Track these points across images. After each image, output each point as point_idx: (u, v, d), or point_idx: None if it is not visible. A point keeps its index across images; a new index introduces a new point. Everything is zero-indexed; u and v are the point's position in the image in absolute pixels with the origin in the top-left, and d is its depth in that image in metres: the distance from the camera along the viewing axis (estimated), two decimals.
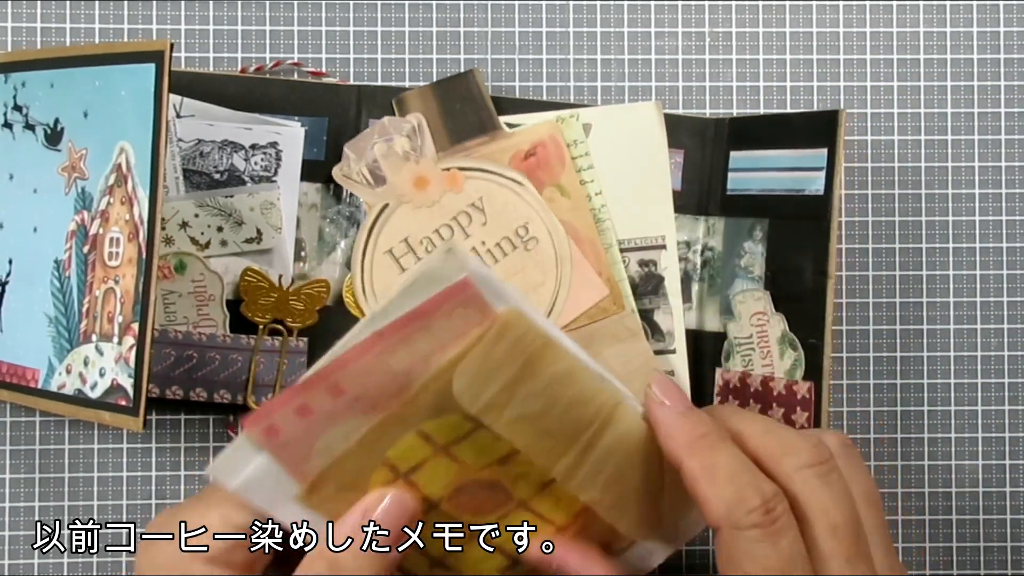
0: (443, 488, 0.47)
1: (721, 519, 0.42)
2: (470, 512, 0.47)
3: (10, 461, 0.64)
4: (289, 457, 0.45)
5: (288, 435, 0.44)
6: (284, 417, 0.44)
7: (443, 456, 0.46)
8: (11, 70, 0.60)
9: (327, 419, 0.44)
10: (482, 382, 0.44)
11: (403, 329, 0.44)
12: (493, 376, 0.44)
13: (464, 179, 0.62)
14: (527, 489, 0.48)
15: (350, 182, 0.61)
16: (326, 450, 0.45)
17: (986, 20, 0.67)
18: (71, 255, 0.57)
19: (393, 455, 0.45)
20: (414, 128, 0.61)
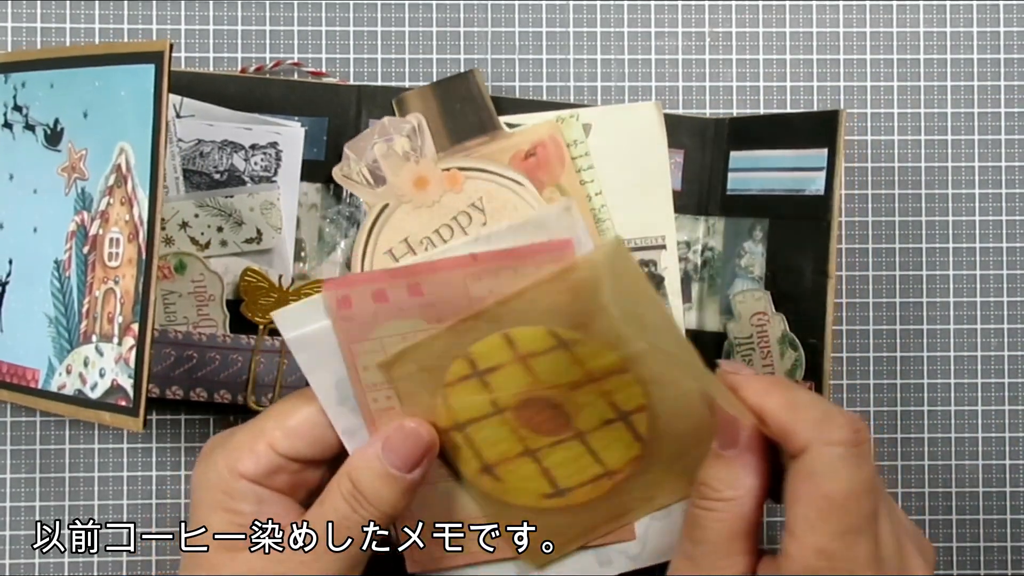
0: (512, 396, 0.48)
1: (811, 436, 0.43)
2: (530, 428, 0.49)
3: (11, 461, 0.64)
4: (348, 332, 0.47)
5: (357, 311, 0.47)
6: (360, 294, 0.47)
7: (520, 364, 0.48)
8: (11, 70, 0.60)
9: (396, 312, 0.47)
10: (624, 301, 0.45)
11: (496, 260, 0.46)
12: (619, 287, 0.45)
13: (464, 179, 0.62)
14: (589, 422, 0.48)
15: (350, 182, 0.61)
16: (380, 340, 0.47)
17: (986, 20, 0.67)
18: (71, 255, 0.57)
19: (475, 351, 0.48)
20: (414, 128, 0.61)
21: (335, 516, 0.48)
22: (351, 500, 0.48)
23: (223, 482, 0.49)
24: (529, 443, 0.50)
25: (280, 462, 0.49)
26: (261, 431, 0.49)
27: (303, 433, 0.49)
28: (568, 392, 0.48)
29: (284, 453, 0.49)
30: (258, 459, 0.49)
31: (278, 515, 0.49)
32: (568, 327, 0.47)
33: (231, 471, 0.49)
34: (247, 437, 0.49)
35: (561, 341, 0.47)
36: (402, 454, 0.48)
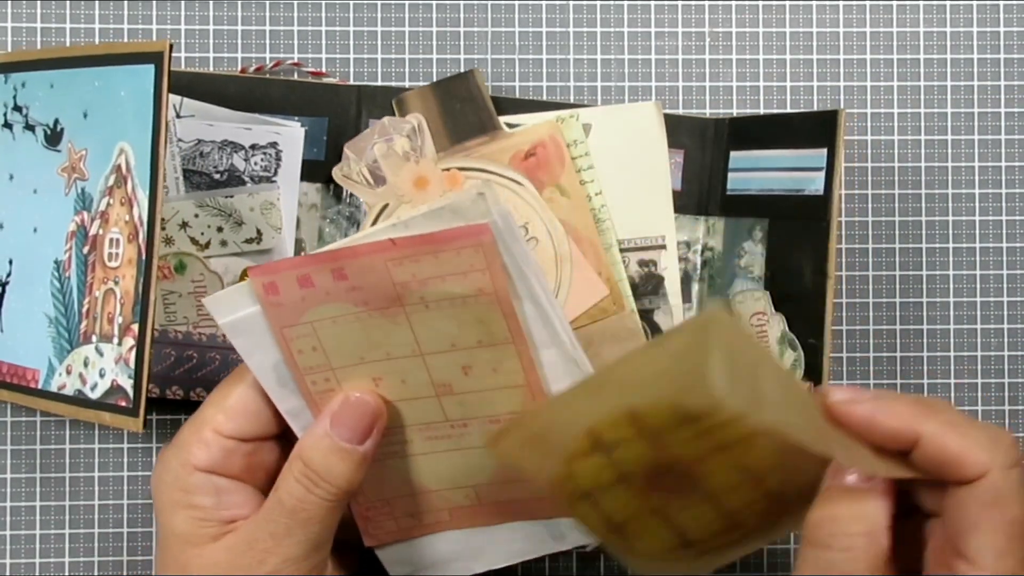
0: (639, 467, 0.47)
1: (988, 461, 0.41)
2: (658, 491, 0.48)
3: (11, 461, 0.64)
4: (278, 317, 0.48)
5: (285, 297, 0.47)
6: (286, 280, 0.47)
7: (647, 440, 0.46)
8: (11, 70, 0.60)
9: (323, 296, 0.48)
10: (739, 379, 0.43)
11: (415, 246, 0.47)
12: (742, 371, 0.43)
13: (464, 179, 0.62)
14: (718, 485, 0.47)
15: (350, 182, 0.61)
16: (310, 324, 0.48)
17: (986, 20, 0.66)
18: (71, 256, 0.57)
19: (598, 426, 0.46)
20: (414, 128, 0.61)
21: (291, 500, 0.48)
22: (304, 480, 0.48)
23: (178, 480, 0.49)
24: (656, 503, 0.49)
25: (229, 445, 0.49)
26: (203, 420, 0.49)
27: (243, 410, 0.49)
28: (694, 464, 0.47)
29: (231, 435, 0.49)
30: (208, 447, 0.49)
31: (238, 503, 0.49)
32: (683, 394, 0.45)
33: (183, 466, 0.49)
34: (192, 429, 0.50)
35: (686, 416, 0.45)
36: (351, 426, 0.48)
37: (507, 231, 0.47)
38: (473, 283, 0.48)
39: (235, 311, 0.48)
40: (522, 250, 0.47)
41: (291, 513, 0.48)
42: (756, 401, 0.43)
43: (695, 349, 0.42)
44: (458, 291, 0.48)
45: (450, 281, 0.48)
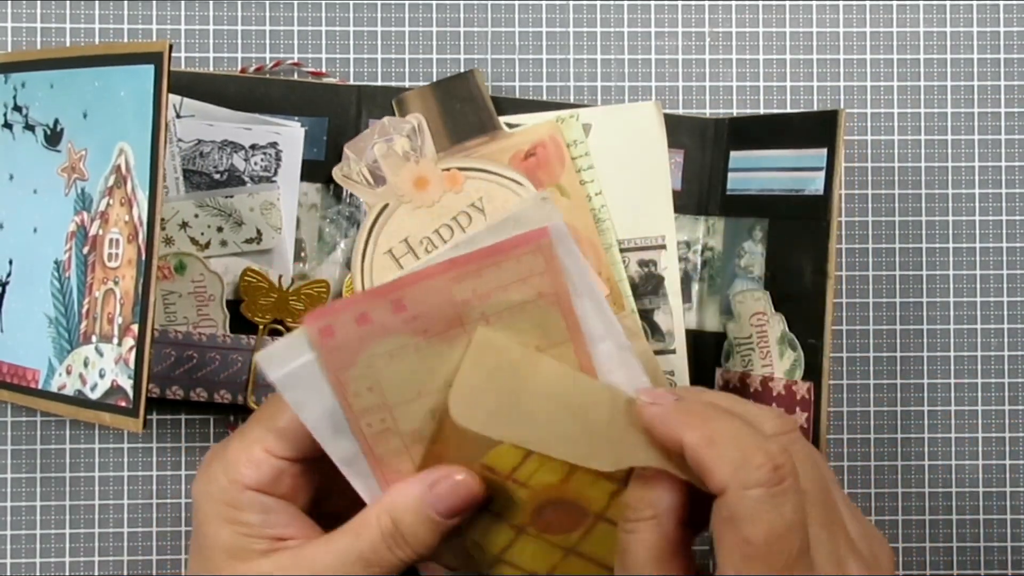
0: (523, 514, 0.49)
1: (728, 479, 0.42)
2: (555, 532, 0.49)
3: (11, 461, 0.64)
4: (334, 362, 0.47)
5: (341, 339, 0.46)
6: (343, 321, 0.46)
7: (511, 483, 0.48)
8: (11, 70, 0.60)
9: (381, 332, 0.47)
10: (476, 402, 0.46)
11: (476, 262, 0.47)
12: (484, 394, 0.46)
13: (464, 179, 0.62)
14: (599, 501, 0.48)
15: (350, 182, 0.61)
16: (367, 363, 0.47)
17: (986, 20, 0.66)
18: (71, 256, 0.57)
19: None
20: (414, 128, 0.61)
21: (370, 552, 0.48)
22: (389, 539, 0.47)
23: (225, 494, 0.49)
24: (564, 543, 0.49)
25: (281, 466, 0.49)
26: (254, 439, 0.49)
27: (295, 432, 0.49)
28: (565, 485, 0.48)
29: (283, 456, 0.49)
30: (259, 467, 0.49)
31: (283, 523, 0.49)
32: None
33: (233, 483, 0.49)
34: (242, 446, 0.49)
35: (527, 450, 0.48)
36: (450, 503, 0.48)
37: (562, 230, 0.47)
38: (533, 287, 0.48)
39: (288, 363, 0.47)
40: (574, 247, 0.48)
41: (366, 564, 0.47)
42: (502, 419, 0.46)
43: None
44: (518, 298, 0.48)
45: (511, 290, 0.48)
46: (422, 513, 0.47)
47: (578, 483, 0.48)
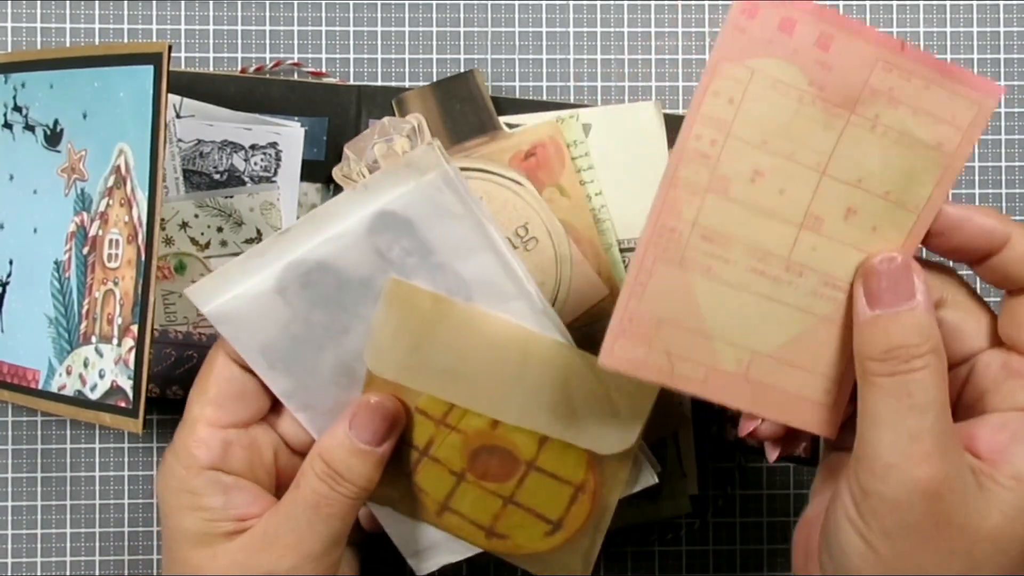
0: (460, 459, 0.50)
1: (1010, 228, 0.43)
2: (490, 479, 0.50)
3: (12, 460, 0.64)
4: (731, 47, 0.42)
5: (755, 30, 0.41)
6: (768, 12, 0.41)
7: (444, 428, 0.49)
8: (11, 70, 0.60)
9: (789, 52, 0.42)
10: (388, 351, 0.48)
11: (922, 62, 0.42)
12: (396, 342, 0.48)
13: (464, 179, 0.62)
14: (529, 449, 0.49)
15: (350, 182, 0.61)
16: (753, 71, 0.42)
17: (986, 20, 0.66)
18: (71, 256, 0.57)
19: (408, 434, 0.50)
20: (414, 128, 0.61)
21: (314, 496, 0.49)
22: (327, 479, 0.49)
23: (184, 483, 0.49)
24: (501, 491, 0.50)
25: (227, 436, 0.50)
26: (194, 418, 0.50)
27: (227, 395, 0.50)
28: (494, 431, 0.49)
29: (226, 424, 0.50)
30: (207, 444, 0.49)
31: (246, 502, 0.50)
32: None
33: (188, 468, 0.49)
34: (186, 430, 0.50)
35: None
36: (370, 429, 0.49)
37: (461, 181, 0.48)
38: (939, 135, 0.43)
39: (217, 296, 0.48)
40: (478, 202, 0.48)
41: (314, 509, 0.49)
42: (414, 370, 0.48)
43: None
44: (919, 134, 0.43)
45: (920, 118, 0.43)
46: (349, 446, 0.49)
47: (505, 428, 0.49)
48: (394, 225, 0.48)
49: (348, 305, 0.49)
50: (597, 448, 0.50)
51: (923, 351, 0.41)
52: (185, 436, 0.50)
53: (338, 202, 0.47)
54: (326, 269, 0.48)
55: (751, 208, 0.42)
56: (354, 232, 0.48)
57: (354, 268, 0.48)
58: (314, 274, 0.48)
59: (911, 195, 0.43)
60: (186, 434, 0.50)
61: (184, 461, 0.49)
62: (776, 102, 0.42)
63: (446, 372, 0.49)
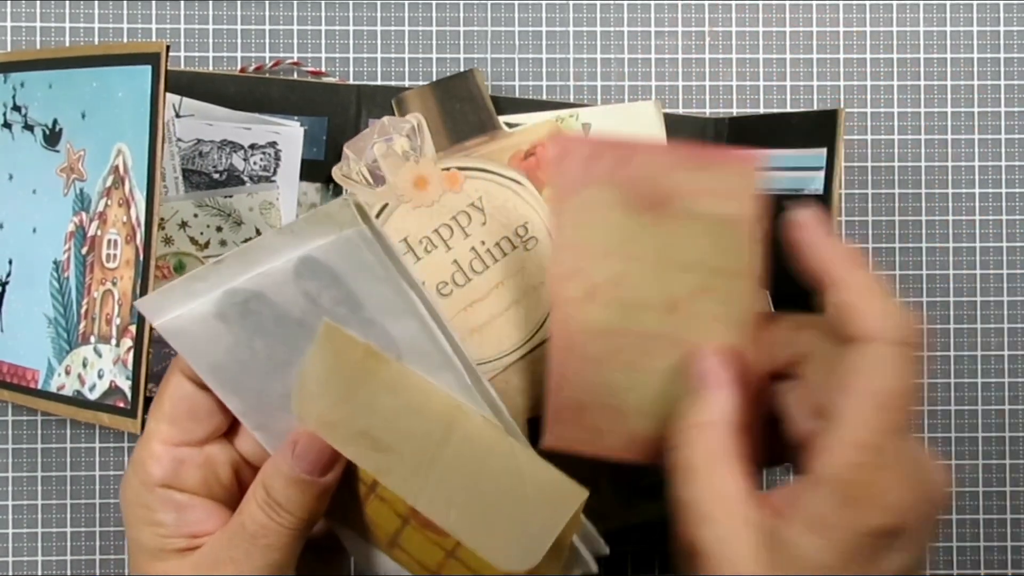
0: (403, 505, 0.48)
1: (879, 329, 0.42)
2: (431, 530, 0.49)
3: (12, 460, 0.64)
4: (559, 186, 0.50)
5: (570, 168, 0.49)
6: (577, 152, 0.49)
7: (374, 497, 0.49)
8: (10, 70, 0.60)
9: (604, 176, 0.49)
10: (313, 398, 0.47)
11: (694, 159, 0.48)
12: (323, 390, 0.47)
13: (464, 179, 0.62)
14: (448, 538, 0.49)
15: (349, 182, 0.61)
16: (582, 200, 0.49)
17: (986, 20, 0.66)
18: (70, 256, 0.57)
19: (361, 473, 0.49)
20: (414, 128, 0.61)
21: (253, 525, 0.47)
22: (266, 508, 0.47)
23: (139, 497, 0.49)
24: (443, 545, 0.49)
25: (179, 453, 0.49)
26: (149, 434, 0.49)
27: (180, 413, 0.49)
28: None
29: (178, 442, 0.49)
30: (160, 461, 0.48)
31: (199, 519, 0.49)
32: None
33: (143, 484, 0.48)
34: (142, 444, 0.49)
35: None
36: (311, 459, 0.47)
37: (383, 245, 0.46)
38: (731, 207, 0.48)
39: (170, 311, 0.47)
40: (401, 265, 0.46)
41: (252, 538, 0.47)
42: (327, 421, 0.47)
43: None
44: (717, 211, 0.48)
45: (713, 198, 0.48)
46: (289, 475, 0.47)
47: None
48: (319, 273, 0.46)
49: (287, 340, 0.47)
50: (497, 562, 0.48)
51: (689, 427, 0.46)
52: (141, 450, 0.49)
53: (266, 239, 0.46)
54: (262, 300, 0.46)
55: (623, 305, 0.50)
56: (282, 272, 0.46)
57: (288, 307, 0.47)
58: (252, 303, 0.47)
59: (735, 261, 0.49)
60: (141, 448, 0.49)
61: (140, 475, 0.49)
62: (607, 219, 0.49)
63: (365, 436, 0.47)
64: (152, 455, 0.48)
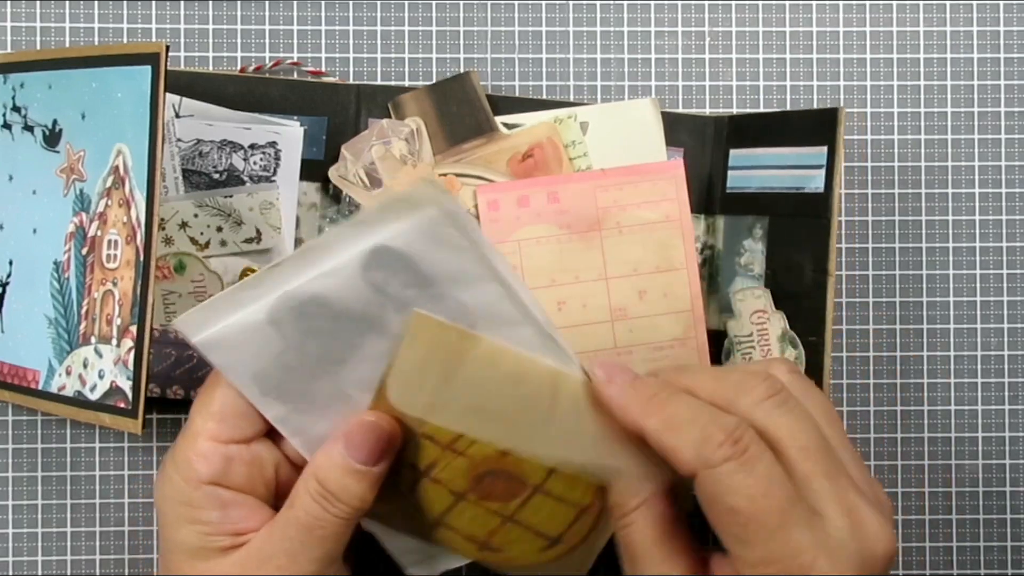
0: (463, 481, 0.49)
1: (693, 462, 0.43)
2: (492, 500, 0.50)
3: (12, 460, 0.64)
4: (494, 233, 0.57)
5: (502, 214, 0.56)
6: (507, 199, 0.57)
7: (450, 452, 0.49)
8: (10, 71, 0.60)
9: (534, 217, 0.58)
10: (415, 386, 0.47)
11: (619, 176, 0.59)
12: (423, 378, 0.47)
13: (461, 185, 0.62)
14: (537, 474, 0.49)
15: (346, 183, 0.61)
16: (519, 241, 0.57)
17: (986, 20, 0.66)
18: (70, 257, 0.57)
19: (410, 456, 0.49)
20: (412, 132, 0.61)
21: (308, 517, 0.48)
22: (320, 500, 0.48)
23: (182, 495, 0.49)
24: (502, 511, 0.50)
25: (228, 451, 0.49)
26: (196, 431, 0.49)
27: (232, 412, 0.49)
28: (503, 458, 0.49)
29: (227, 439, 0.49)
30: (207, 459, 0.48)
31: (243, 517, 0.49)
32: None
33: (187, 481, 0.48)
34: (188, 442, 0.49)
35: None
36: (365, 449, 0.48)
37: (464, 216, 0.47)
38: (662, 211, 0.59)
39: (209, 326, 0.47)
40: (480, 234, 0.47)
41: (307, 530, 0.48)
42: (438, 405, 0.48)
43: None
44: (650, 217, 0.59)
45: (644, 208, 0.59)
46: (344, 465, 0.48)
47: (517, 456, 0.49)
48: (390, 261, 0.47)
49: (344, 336, 0.48)
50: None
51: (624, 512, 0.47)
52: (186, 448, 0.49)
53: (330, 236, 0.46)
54: (321, 303, 0.47)
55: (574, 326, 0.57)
56: (348, 267, 0.47)
57: (350, 302, 0.47)
58: (308, 307, 0.47)
59: (673, 258, 0.60)
60: (187, 446, 0.49)
61: (184, 473, 0.49)
62: (546, 251, 0.59)
63: (476, 411, 0.48)
64: (199, 453, 0.48)
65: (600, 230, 0.58)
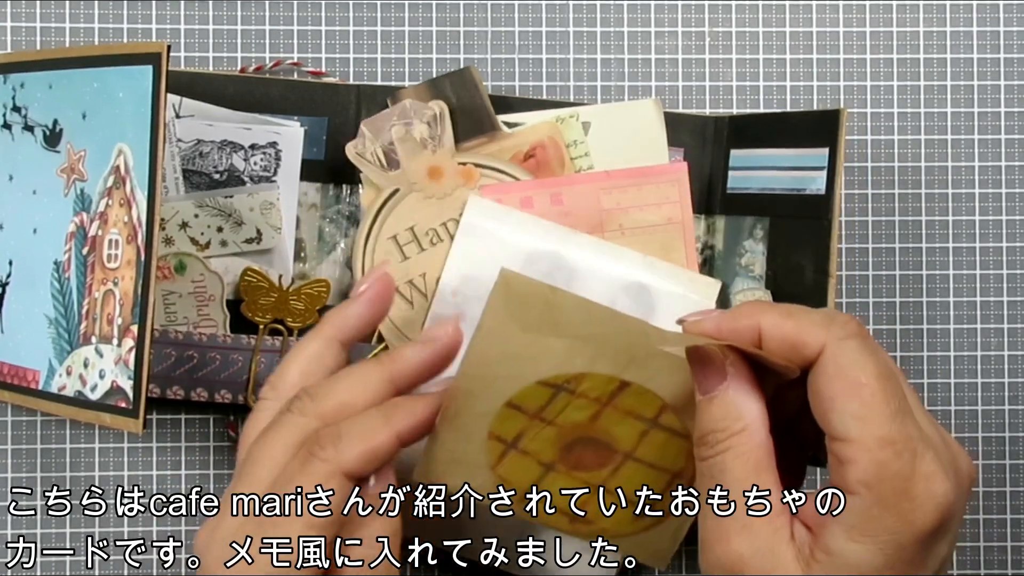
0: (552, 451, 0.49)
1: (823, 336, 0.42)
2: (583, 469, 0.49)
3: (12, 460, 0.64)
4: None
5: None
6: (511, 200, 0.58)
7: (538, 422, 0.48)
8: (10, 71, 0.60)
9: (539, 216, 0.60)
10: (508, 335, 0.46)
11: (623, 179, 0.60)
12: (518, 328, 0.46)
13: (479, 175, 0.62)
14: (628, 441, 0.49)
15: (363, 161, 0.61)
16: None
17: (986, 20, 0.66)
18: (70, 257, 0.57)
19: (495, 428, 0.48)
20: (436, 116, 0.61)
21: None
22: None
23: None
24: (592, 480, 0.50)
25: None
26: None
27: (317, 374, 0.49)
28: (593, 424, 0.49)
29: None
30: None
31: None
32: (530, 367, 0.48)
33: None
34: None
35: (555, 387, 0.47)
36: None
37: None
38: (665, 213, 0.60)
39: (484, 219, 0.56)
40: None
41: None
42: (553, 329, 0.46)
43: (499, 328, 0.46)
44: (653, 220, 0.61)
45: (647, 211, 0.60)
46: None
47: (607, 421, 0.48)
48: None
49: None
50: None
51: (725, 436, 0.43)
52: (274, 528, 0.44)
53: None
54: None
55: None
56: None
57: None
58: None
59: (674, 260, 0.62)
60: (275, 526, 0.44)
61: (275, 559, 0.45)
62: None
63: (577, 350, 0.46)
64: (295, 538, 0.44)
65: (603, 232, 0.59)
